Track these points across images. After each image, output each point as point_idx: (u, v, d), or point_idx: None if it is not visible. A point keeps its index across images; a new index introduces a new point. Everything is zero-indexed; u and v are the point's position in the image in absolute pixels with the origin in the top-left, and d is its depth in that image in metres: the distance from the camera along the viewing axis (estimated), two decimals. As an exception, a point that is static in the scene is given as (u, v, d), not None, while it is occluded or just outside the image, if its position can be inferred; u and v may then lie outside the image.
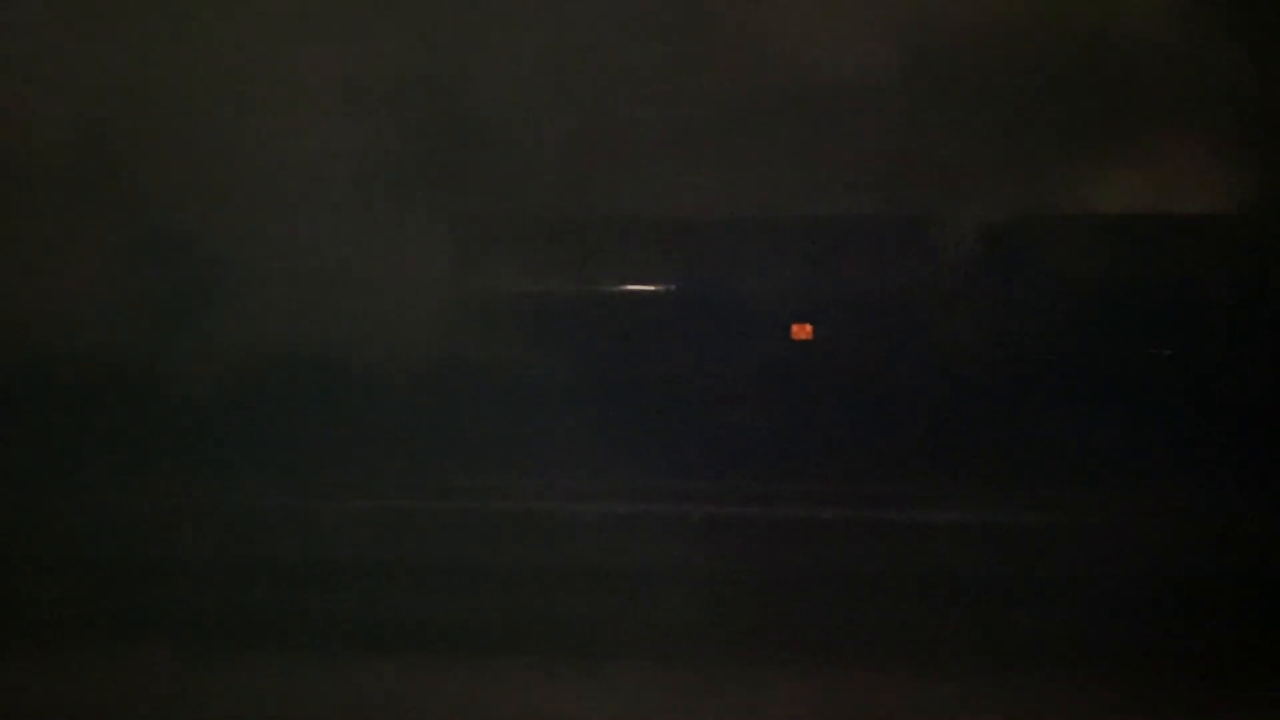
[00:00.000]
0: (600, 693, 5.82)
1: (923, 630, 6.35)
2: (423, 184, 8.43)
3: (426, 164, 8.32)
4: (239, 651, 6.25)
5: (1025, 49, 8.04)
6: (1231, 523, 6.93)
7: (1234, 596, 6.34)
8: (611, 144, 8.50)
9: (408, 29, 8.27)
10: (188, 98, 8.44)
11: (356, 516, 7.54)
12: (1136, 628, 6.25)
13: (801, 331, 8.64)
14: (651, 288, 8.96)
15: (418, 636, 6.39)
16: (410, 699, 5.85)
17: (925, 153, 8.25)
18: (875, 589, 6.71)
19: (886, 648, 6.26)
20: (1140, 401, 7.79)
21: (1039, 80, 8.10)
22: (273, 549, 7.13)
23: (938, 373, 8.30)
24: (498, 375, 8.38)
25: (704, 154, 8.50)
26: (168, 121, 8.47)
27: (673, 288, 8.90)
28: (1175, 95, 7.99)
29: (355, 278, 8.45)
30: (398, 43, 8.25)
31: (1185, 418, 7.66)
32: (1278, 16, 7.83)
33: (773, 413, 8.45)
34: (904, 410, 8.23)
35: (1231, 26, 7.78)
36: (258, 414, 8.10)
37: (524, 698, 5.80)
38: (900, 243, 8.64)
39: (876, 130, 8.30)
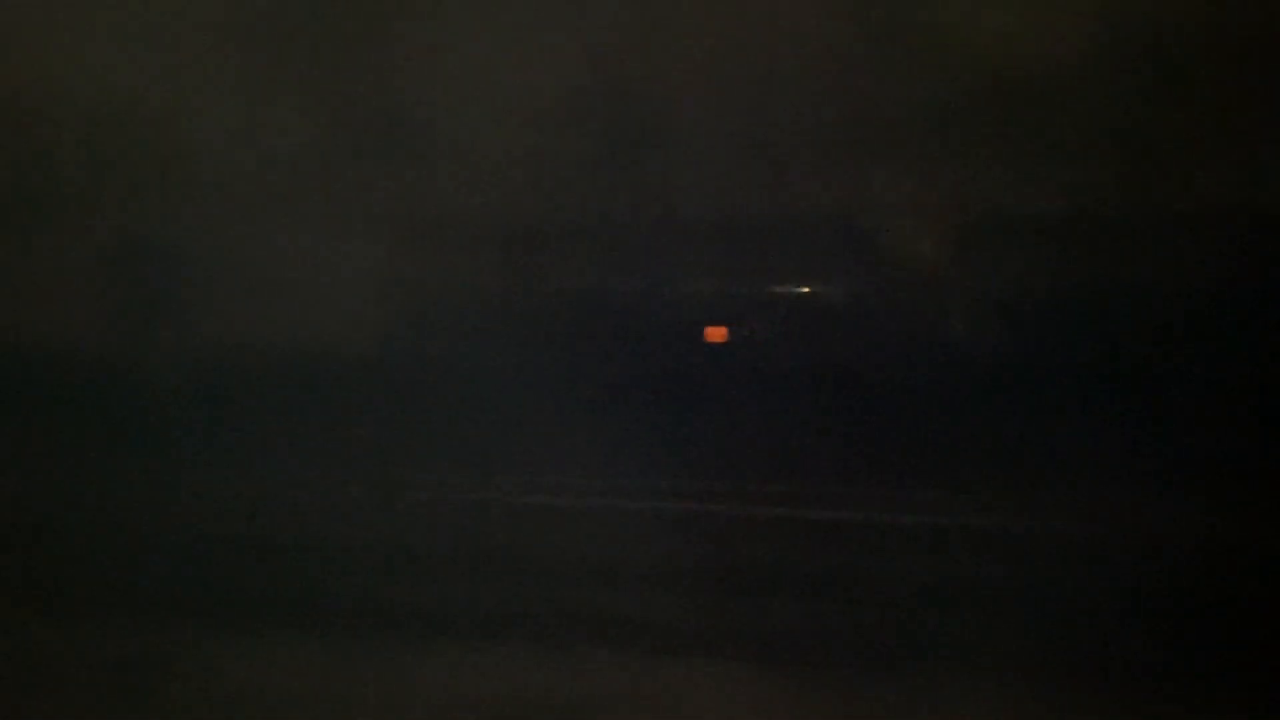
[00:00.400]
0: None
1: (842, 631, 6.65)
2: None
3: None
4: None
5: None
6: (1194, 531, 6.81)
7: (1210, 608, 6.26)
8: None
9: (579, 30, 8.21)
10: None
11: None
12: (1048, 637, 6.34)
13: (716, 334, 8.59)
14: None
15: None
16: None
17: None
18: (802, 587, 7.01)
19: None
20: (1068, 405, 7.61)
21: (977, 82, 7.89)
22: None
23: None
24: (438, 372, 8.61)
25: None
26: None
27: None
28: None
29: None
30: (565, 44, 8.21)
31: (1107, 422, 7.50)
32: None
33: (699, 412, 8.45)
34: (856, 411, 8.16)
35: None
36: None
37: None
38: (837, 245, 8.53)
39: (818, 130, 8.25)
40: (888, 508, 7.53)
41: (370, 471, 8.35)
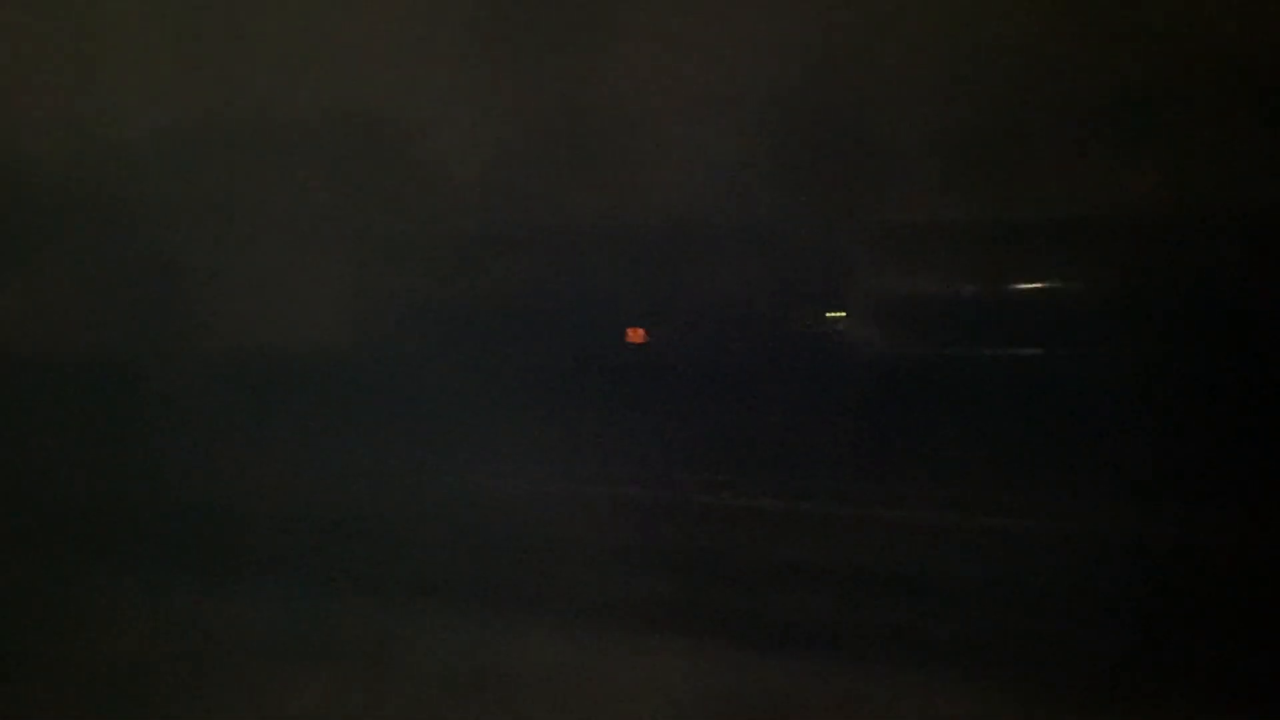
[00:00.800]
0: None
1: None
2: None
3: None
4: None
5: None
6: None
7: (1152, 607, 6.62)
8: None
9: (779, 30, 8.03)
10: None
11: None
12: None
13: (635, 335, 9.11)
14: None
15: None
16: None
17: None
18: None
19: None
20: (975, 404, 7.92)
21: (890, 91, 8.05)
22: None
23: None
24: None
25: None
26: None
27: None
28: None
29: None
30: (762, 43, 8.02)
31: (1023, 421, 7.76)
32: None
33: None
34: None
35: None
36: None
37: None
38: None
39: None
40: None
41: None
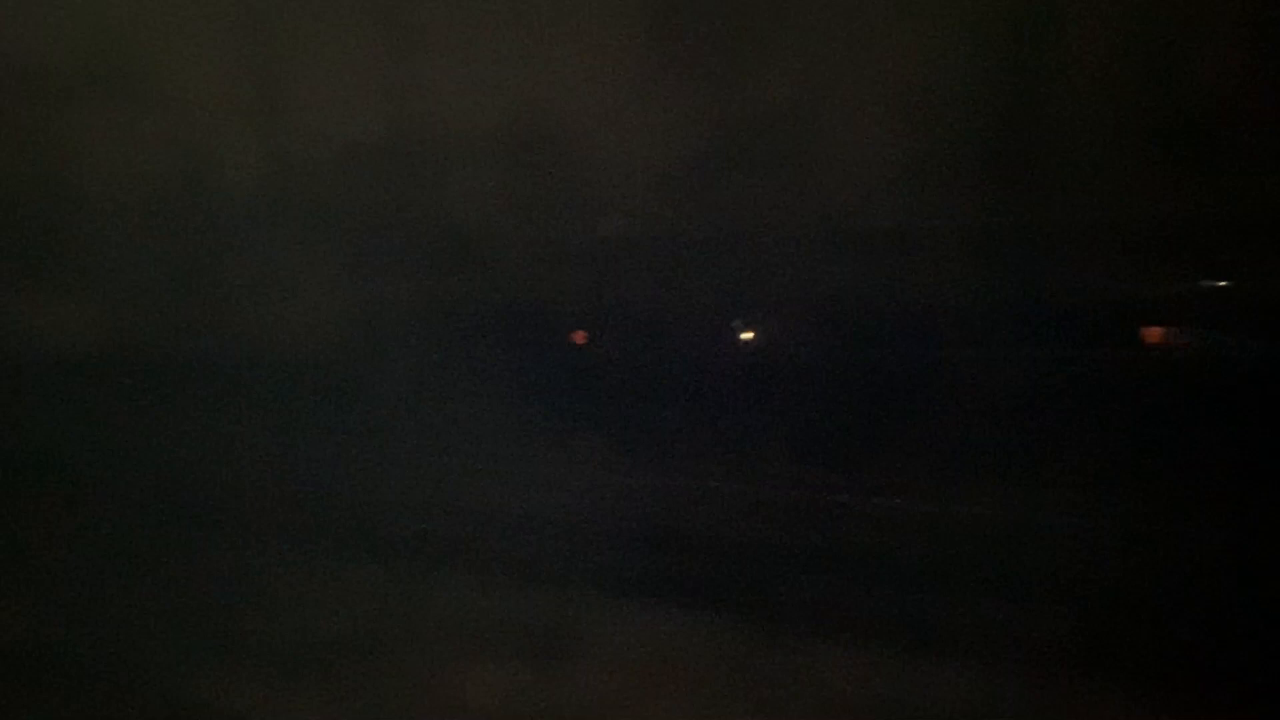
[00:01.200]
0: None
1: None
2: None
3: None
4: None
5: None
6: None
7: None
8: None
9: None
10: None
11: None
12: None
13: (579, 338, 9.24)
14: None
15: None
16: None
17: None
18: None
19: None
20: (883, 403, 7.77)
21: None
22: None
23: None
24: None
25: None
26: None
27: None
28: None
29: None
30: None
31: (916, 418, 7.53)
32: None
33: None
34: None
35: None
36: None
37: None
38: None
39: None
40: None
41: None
